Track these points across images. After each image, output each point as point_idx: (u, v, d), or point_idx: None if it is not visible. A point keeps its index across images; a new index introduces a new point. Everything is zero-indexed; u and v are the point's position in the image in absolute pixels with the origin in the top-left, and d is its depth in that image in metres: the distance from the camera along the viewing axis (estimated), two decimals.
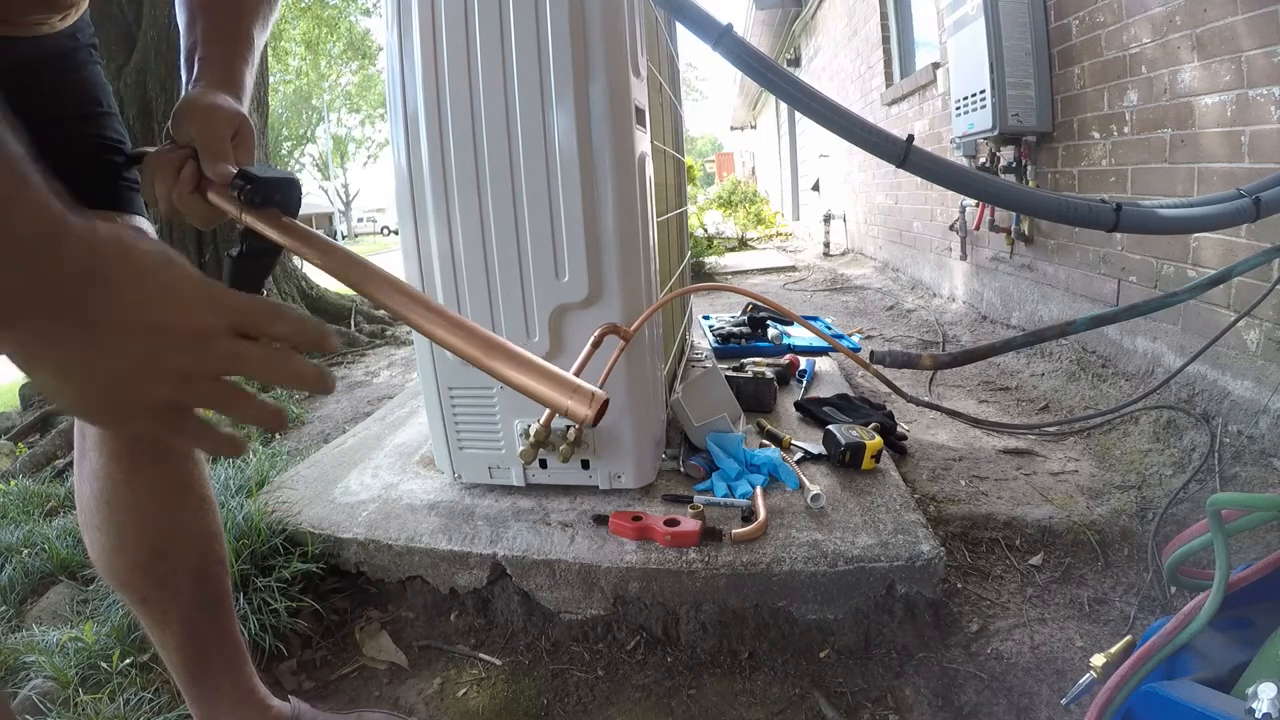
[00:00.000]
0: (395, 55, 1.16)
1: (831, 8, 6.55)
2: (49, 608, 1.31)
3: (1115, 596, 1.24)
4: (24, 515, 1.71)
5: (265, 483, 1.54)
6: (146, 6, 3.48)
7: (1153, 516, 1.42)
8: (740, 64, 1.09)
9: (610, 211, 1.17)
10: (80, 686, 1.04)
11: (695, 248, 5.96)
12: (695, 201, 9.01)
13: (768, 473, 1.38)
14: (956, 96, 2.81)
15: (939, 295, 3.89)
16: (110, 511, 0.75)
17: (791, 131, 10.26)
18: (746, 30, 8.59)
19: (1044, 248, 2.67)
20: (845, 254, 6.37)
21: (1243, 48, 1.58)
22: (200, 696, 0.84)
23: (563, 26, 1.09)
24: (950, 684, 1.06)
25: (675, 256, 1.93)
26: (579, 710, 1.05)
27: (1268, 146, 1.54)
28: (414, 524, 1.28)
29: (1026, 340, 1.33)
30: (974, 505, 1.51)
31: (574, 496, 1.34)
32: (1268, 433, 1.52)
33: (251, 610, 1.14)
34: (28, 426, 2.65)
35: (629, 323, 1.20)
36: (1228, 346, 1.68)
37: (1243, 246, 1.62)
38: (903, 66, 4.77)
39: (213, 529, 0.82)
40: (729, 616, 1.13)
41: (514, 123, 1.13)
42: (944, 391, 2.36)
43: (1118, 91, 2.09)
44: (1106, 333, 2.23)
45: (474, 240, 1.20)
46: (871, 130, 1.10)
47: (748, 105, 15.23)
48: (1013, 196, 1.28)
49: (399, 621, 1.25)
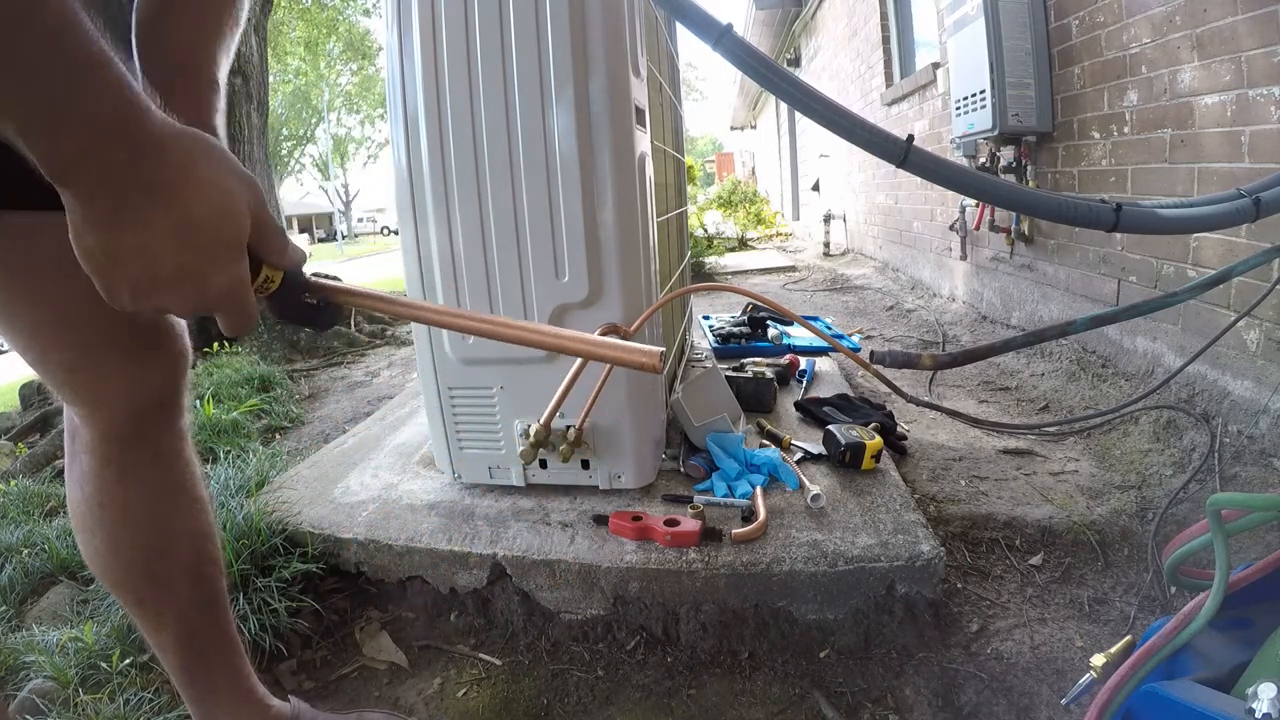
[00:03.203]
0: (395, 55, 1.16)
1: (831, 8, 6.55)
2: (49, 608, 1.31)
3: (1115, 596, 1.24)
4: (24, 515, 1.71)
5: (265, 483, 1.54)
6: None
7: (1153, 516, 1.42)
8: (740, 64, 1.09)
9: (610, 211, 1.17)
10: (80, 686, 1.04)
11: (695, 248, 5.96)
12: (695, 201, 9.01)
13: (768, 473, 1.38)
14: (956, 96, 2.82)
15: (939, 295, 3.89)
16: (103, 514, 0.74)
17: (791, 131, 10.26)
18: (746, 30, 8.59)
19: (1044, 248, 2.67)
20: (845, 254, 6.37)
21: (1243, 48, 1.58)
22: (199, 697, 0.84)
23: (563, 26, 1.09)
24: (950, 684, 1.06)
25: (675, 256, 1.93)
26: (579, 710, 1.05)
27: (1268, 146, 1.54)
28: (414, 524, 1.28)
29: (1026, 340, 1.33)
30: (974, 505, 1.51)
31: (574, 496, 1.34)
32: (1268, 433, 1.52)
33: (251, 610, 1.14)
34: (28, 426, 2.66)
35: (629, 323, 1.20)
36: (1228, 346, 1.68)
37: (1243, 246, 1.62)
38: (903, 66, 4.77)
39: (206, 529, 0.82)
40: (729, 616, 1.13)
41: (514, 123, 1.13)
42: (944, 391, 2.36)
43: (1118, 91, 2.09)
44: (1106, 333, 2.23)
45: (474, 240, 1.20)
46: (871, 130, 1.10)
47: (748, 105, 15.22)
48: (1013, 196, 1.28)
49: (399, 621, 1.25)
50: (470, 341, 1.25)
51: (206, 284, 0.44)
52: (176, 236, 0.41)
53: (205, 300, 0.44)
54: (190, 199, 0.41)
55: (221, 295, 0.45)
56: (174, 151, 0.41)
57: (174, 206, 0.41)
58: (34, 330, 0.66)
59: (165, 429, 0.76)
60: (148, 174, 0.40)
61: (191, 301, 0.44)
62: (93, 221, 0.40)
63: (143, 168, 0.39)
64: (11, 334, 0.67)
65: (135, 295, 0.43)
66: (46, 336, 0.67)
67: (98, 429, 0.72)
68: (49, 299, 0.66)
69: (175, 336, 0.73)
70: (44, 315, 0.66)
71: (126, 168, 0.39)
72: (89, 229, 0.40)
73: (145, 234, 0.41)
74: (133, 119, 0.39)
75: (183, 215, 0.41)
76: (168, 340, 0.72)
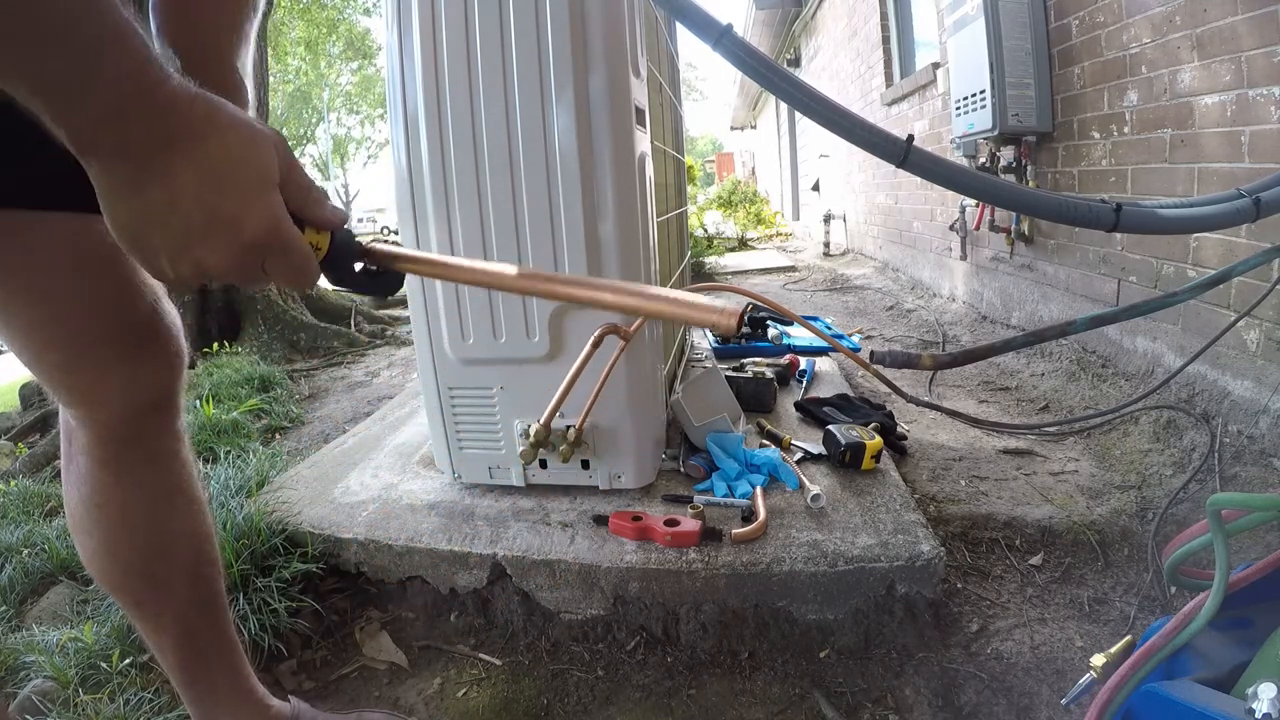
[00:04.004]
0: (395, 55, 1.16)
1: (831, 8, 6.55)
2: (49, 608, 1.31)
3: (1115, 596, 1.24)
4: (24, 515, 1.71)
5: (265, 483, 1.54)
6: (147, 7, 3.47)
7: (1153, 516, 1.42)
8: (740, 64, 1.09)
9: (610, 211, 1.17)
10: (80, 686, 1.04)
11: (695, 248, 5.96)
12: (695, 201, 9.01)
13: (768, 473, 1.38)
14: (956, 96, 2.81)
15: (939, 295, 3.89)
16: (100, 515, 0.74)
17: (791, 131, 10.26)
18: (746, 30, 8.59)
19: (1044, 248, 2.67)
20: (845, 254, 6.37)
21: (1243, 48, 1.58)
22: (198, 698, 0.84)
23: (563, 26, 1.09)
24: (950, 684, 1.06)
25: (675, 256, 1.93)
26: (579, 710, 1.05)
27: (1268, 146, 1.54)
28: (414, 524, 1.28)
29: (1026, 340, 1.33)
30: (974, 505, 1.51)
31: (574, 496, 1.34)
32: (1268, 433, 1.52)
33: (251, 610, 1.14)
34: (28, 426, 2.66)
35: (629, 323, 1.20)
36: (1228, 346, 1.68)
37: (1243, 246, 1.62)
38: (903, 66, 4.77)
39: (204, 530, 0.82)
40: (729, 616, 1.13)
41: (514, 122, 1.13)
42: (944, 391, 2.36)
43: (1118, 91, 2.09)
44: (1106, 333, 2.23)
45: (474, 240, 1.20)
46: (871, 130, 1.10)
47: (748, 105, 15.22)
48: (1013, 196, 1.28)
49: (399, 621, 1.25)
50: (470, 341, 1.25)
51: (242, 227, 0.43)
52: (202, 181, 0.41)
53: (245, 246, 0.43)
54: (212, 145, 0.41)
55: (261, 237, 0.43)
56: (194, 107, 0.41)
57: (196, 154, 0.41)
58: (29, 330, 0.66)
59: (162, 430, 0.76)
60: (168, 131, 0.40)
61: (231, 250, 0.43)
62: (120, 188, 0.40)
63: (163, 126, 0.40)
64: (8, 333, 0.67)
65: (174, 256, 0.43)
66: (42, 336, 0.67)
67: (94, 430, 0.72)
68: (45, 299, 0.66)
69: (171, 337, 0.73)
70: (39, 315, 0.66)
71: (148, 130, 0.39)
72: (118, 197, 0.41)
73: (171, 187, 0.41)
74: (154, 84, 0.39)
75: (205, 159, 0.41)
76: (163, 341, 0.72)
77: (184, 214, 0.41)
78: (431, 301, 1.26)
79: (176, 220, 0.41)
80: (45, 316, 0.66)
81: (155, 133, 0.40)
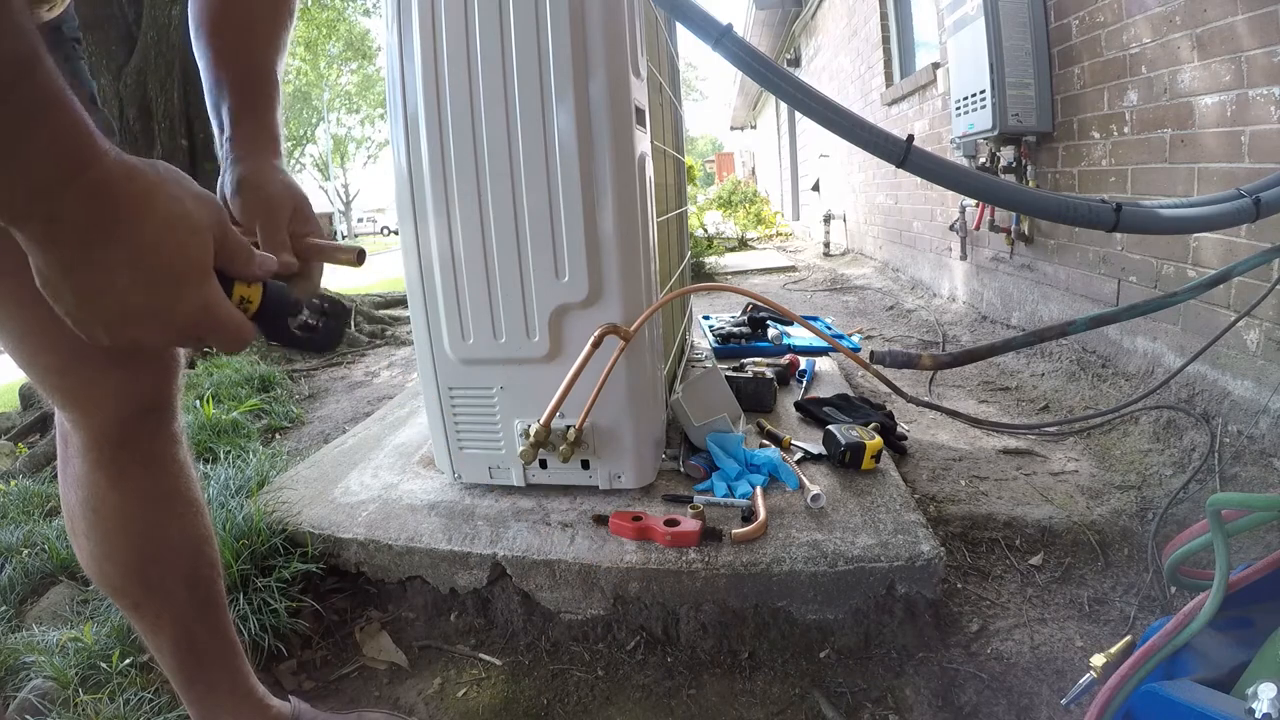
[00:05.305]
0: (395, 55, 1.16)
1: (831, 8, 6.55)
2: (49, 608, 1.31)
3: (1115, 596, 1.24)
4: (24, 515, 1.71)
5: (265, 483, 1.54)
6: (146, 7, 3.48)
7: (1153, 516, 1.42)
8: (740, 64, 1.09)
9: (610, 211, 1.17)
10: (80, 687, 1.04)
11: (695, 248, 5.96)
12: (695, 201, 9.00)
13: (768, 473, 1.38)
14: (956, 96, 2.82)
15: (939, 295, 3.89)
16: (97, 518, 0.74)
17: (791, 131, 10.26)
18: (746, 30, 8.59)
19: (1044, 248, 2.67)
20: (845, 254, 6.37)
21: (1243, 47, 1.58)
22: (198, 699, 0.84)
23: (563, 26, 1.09)
24: (950, 684, 1.06)
25: (675, 256, 1.93)
26: (579, 710, 1.05)
27: (1268, 146, 1.54)
28: (414, 524, 1.28)
29: (1026, 340, 1.33)
30: (974, 505, 1.51)
31: (574, 496, 1.34)
32: (1268, 433, 1.52)
33: (251, 610, 1.14)
34: (28, 426, 2.65)
35: (629, 323, 1.20)
36: (1228, 346, 1.68)
37: (1243, 246, 1.62)
38: (903, 66, 4.77)
39: (202, 532, 0.82)
40: (729, 616, 1.13)
41: (514, 122, 1.13)
42: (944, 391, 2.36)
43: (1118, 91, 2.09)
44: (1106, 333, 2.23)
45: (474, 240, 1.20)
46: (871, 130, 1.10)
47: (748, 105, 15.23)
48: (1013, 196, 1.28)
49: (399, 621, 1.25)
50: (470, 341, 1.25)
51: (175, 312, 0.43)
52: (136, 269, 0.41)
53: (180, 328, 0.44)
54: (145, 230, 0.41)
55: (195, 320, 0.44)
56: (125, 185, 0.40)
57: (130, 240, 0.40)
58: (23, 333, 0.66)
59: (158, 433, 0.76)
60: (101, 210, 0.39)
61: (167, 331, 0.44)
62: (54, 264, 0.40)
63: (97, 205, 0.39)
64: (2, 337, 0.67)
65: (110, 332, 0.43)
66: (35, 340, 0.66)
67: (89, 434, 0.72)
68: (38, 301, 0.65)
69: None
70: (32, 319, 0.65)
71: (81, 206, 0.38)
72: (53, 272, 0.40)
73: (106, 271, 0.40)
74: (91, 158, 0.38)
75: (138, 247, 0.41)
76: None
77: (119, 298, 0.41)
78: (431, 301, 1.26)
79: (112, 303, 0.41)
80: (38, 320, 0.65)
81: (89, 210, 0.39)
